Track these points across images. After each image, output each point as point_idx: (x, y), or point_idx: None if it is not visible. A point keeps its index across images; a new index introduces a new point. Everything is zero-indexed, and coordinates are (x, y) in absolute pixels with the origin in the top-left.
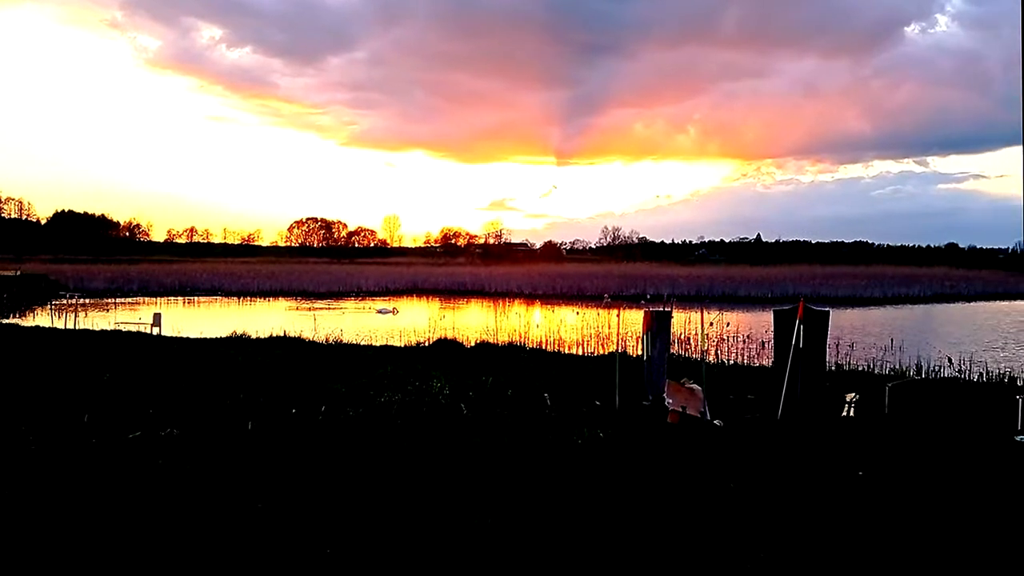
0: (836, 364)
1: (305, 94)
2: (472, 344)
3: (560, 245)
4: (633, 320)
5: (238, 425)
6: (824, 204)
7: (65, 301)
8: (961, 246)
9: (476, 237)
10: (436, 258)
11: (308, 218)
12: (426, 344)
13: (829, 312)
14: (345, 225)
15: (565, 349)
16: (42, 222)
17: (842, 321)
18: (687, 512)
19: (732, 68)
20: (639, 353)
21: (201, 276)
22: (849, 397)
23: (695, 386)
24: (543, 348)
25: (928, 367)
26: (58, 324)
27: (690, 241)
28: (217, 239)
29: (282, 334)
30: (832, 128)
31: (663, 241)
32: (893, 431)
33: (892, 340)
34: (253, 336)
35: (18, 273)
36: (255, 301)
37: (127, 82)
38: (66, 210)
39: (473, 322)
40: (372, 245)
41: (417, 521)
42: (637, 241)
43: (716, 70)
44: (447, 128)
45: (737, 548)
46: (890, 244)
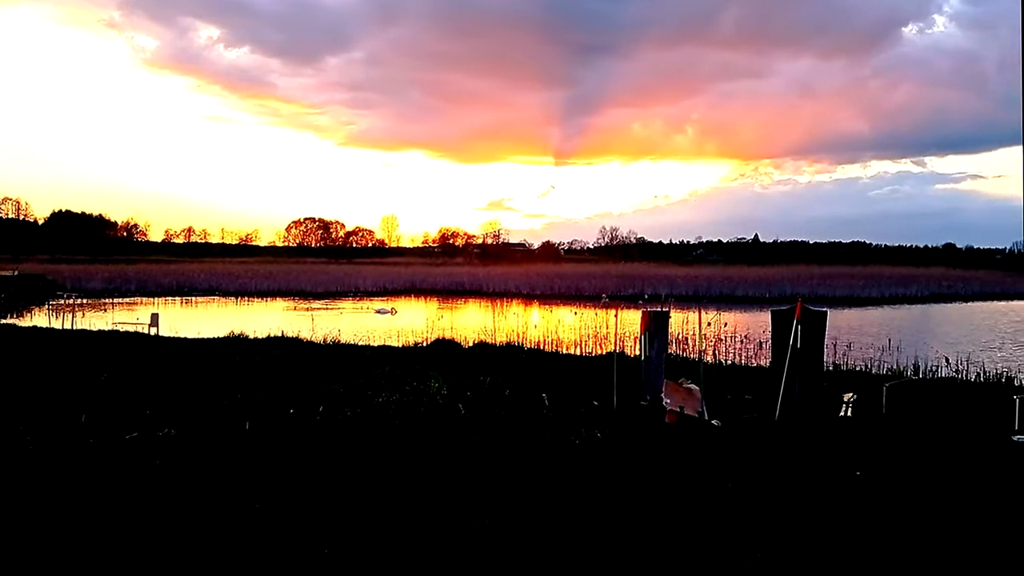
0: (834, 364)
1: (303, 94)
2: (470, 344)
3: (558, 245)
4: (631, 320)
5: (236, 425)
6: (822, 204)
7: (63, 301)
8: (958, 246)
9: (474, 237)
10: (434, 258)
11: (306, 218)
12: (424, 344)
13: (827, 312)
14: (343, 225)
15: (563, 349)
16: (39, 222)
17: (840, 321)
18: (685, 512)
19: (730, 68)
20: (637, 353)
21: (199, 276)
22: (847, 397)
23: (693, 386)
24: (541, 348)
25: (926, 367)
26: (56, 324)
27: (688, 241)
28: (215, 239)
29: (280, 334)
30: (830, 128)
31: (661, 241)
32: (891, 431)
33: (890, 340)
34: (251, 336)
35: (15, 273)
36: (253, 301)
37: (125, 82)
38: (64, 210)
39: (471, 322)
40: (370, 245)
41: (415, 521)
42: (635, 241)
43: (714, 70)
44: (445, 128)
45: (735, 548)
46: (888, 244)
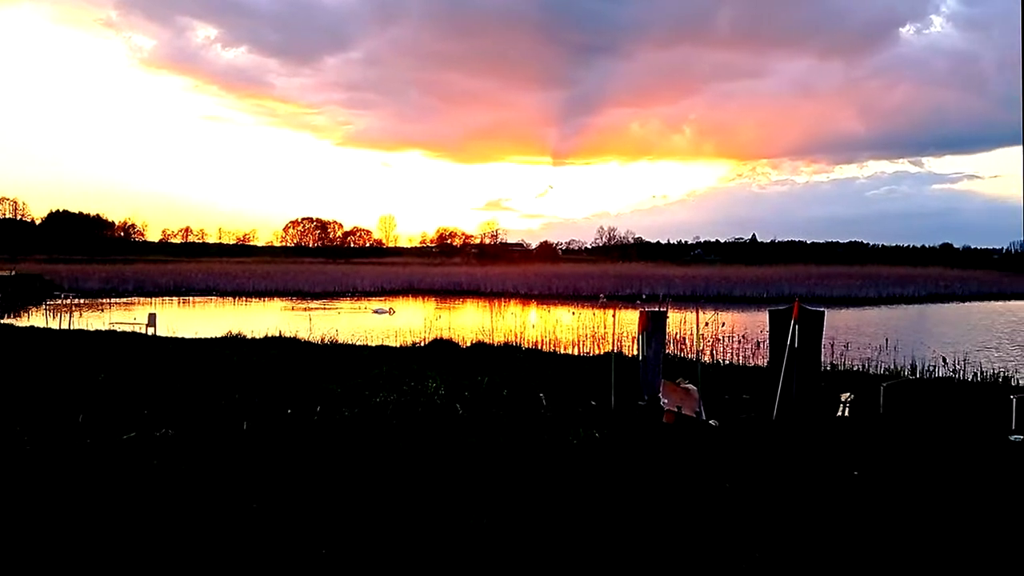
0: (831, 364)
1: (301, 94)
2: (468, 344)
3: (556, 245)
4: (629, 320)
5: (233, 425)
6: (819, 204)
7: (60, 301)
8: (956, 246)
9: (472, 237)
10: (432, 258)
11: (304, 218)
12: (422, 344)
13: (824, 312)
14: (341, 225)
15: (561, 349)
16: (37, 222)
17: (837, 321)
18: (683, 512)
19: (727, 68)
20: (635, 353)
21: (196, 276)
22: (844, 397)
23: (690, 386)
24: (539, 348)
25: (923, 367)
26: (53, 324)
27: (686, 241)
28: (212, 239)
29: (277, 334)
30: (827, 128)
31: (659, 241)
32: (888, 431)
33: (887, 340)
34: (248, 336)
35: (13, 273)
36: (250, 301)
37: (122, 82)
38: (61, 210)
39: (469, 322)
40: (368, 245)
41: (413, 521)
42: (633, 241)
43: (711, 70)
44: (443, 128)
45: (733, 548)
46: (885, 244)
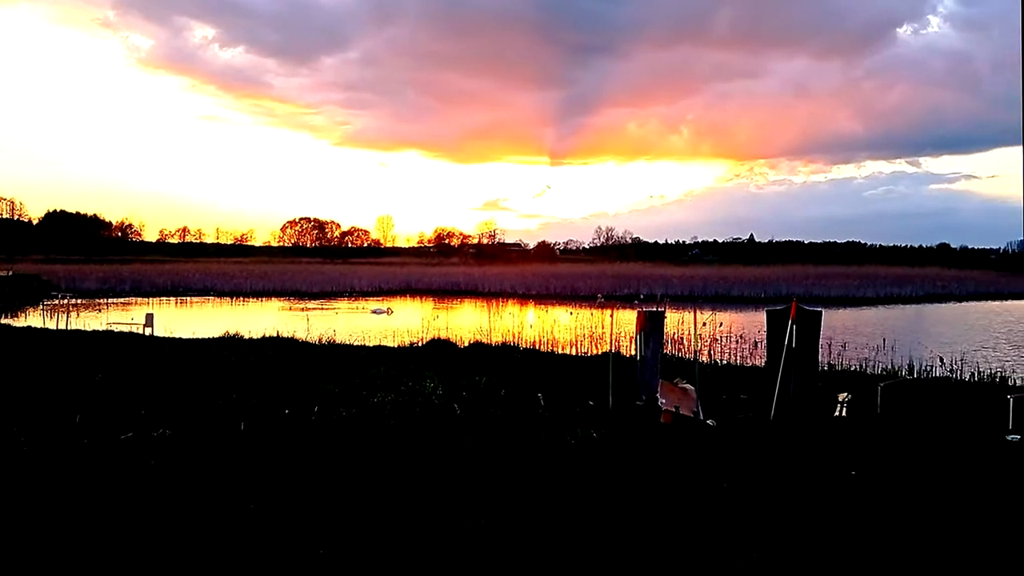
0: (829, 364)
1: (298, 94)
2: (466, 344)
3: (554, 245)
4: (626, 320)
5: (231, 426)
6: (817, 204)
7: (57, 301)
8: (953, 246)
9: (470, 237)
10: (430, 258)
11: (301, 218)
12: (419, 344)
13: (822, 312)
14: (338, 225)
15: (559, 349)
16: (34, 222)
17: (835, 321)
18: (680, 512)
19: (725, 69)
20: (632, 353)
21: (194, 276)
22: (841, 397)
23: (688, 386)
24: (537, 348)
25: (920, 367)
26: (50, 324)
27: (683, 241)
28: (210, 239)
29: (275, 334)
30: (824, 129)
31: (656, 241)
32: (885, 431)
33: (884, 340)
34: (246, 336)
35: (10, 273)
36: (248, 301)
37: (119, 82)
38: (58, 210)
39: (467, 322)
40: (365, 245)
41: (410, 521)
42: (630, 241)
43: (709, 70)
44: (440, 128)
45: (730, 548)
46: (882, 244)
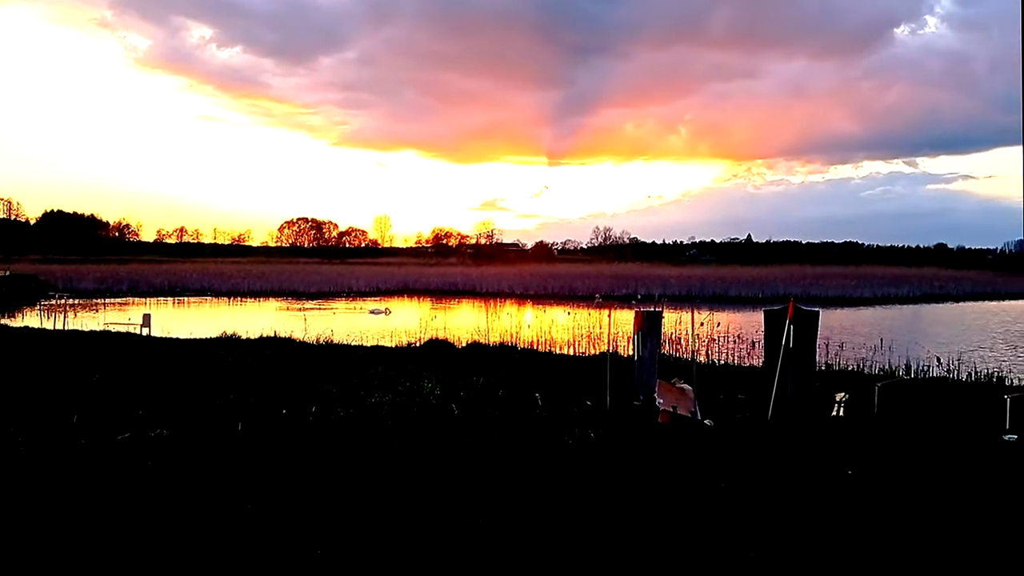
0: (826, 364)
1: (296, 94)
2: (463, 344)
3: (551, 245)
4: (624, 320)
5: (228, 426)
6: (814, 204)
7: (54, 301)
8: (950, 246)
9: (467, 237)
10: (427, 258)
11: (299, 218)
12: (417, 344)
13: (819, 312)
14: (336, 225)
15: (556, 349)
16: (31, 222)
17: (832, 321)
18: (678, 512)
19: (722, 69)
20: (630, 353)
21: (191, 276)
22: (839, 397)
23: (686, 386)
24: (534, 348)
25: (917, 367)
26: (47, 324)
27: (681, 241)
28: (207, 239)
29: (272, 335)
30: (822, 129)
31: (654, 241)
32: (882, 430)
33: (881, 340)
34: (243, 336)
35: (7, 273)
36: (245, 301)
37: (116, 81)
38: (55, 210)
39: (464, 322)
40: (363, 245)
41: (408, 522)
42: (628, 241)
43: (706, 71)
44: (438, 128)
45: (728, 548)
46: (880, 244)
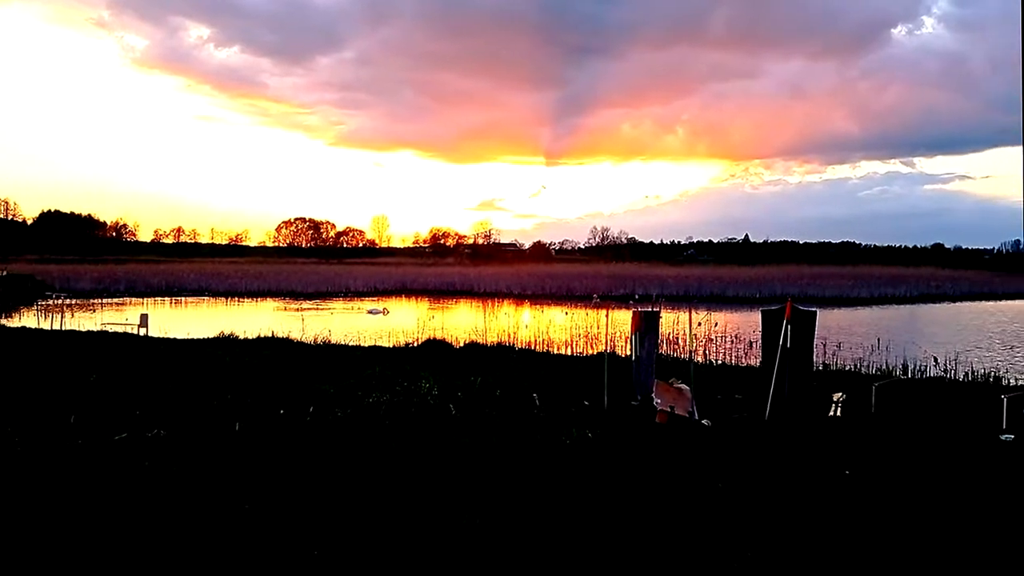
0: (823, 364)
1: (293, 94)
2: (461, 344)
3: (549, 245)
4: (622, 320)
5: (225, 426)
6: (812, 205)
7: (51, 301)
8: (947, 246)
9: (465, 237)
10: (425, 258)
11: (296, 218)
12: (415, 344)
13: (816, 312)
14: (333, 225)
15: (554, 349)
16: (28, 222)
17: (829, 321)
18: (676, 511)
19: (720, 69)
20: (628, 353)
21: (188, 276)
22: (836, 397)
23: (683, 386)
24: (532, 348)
25: (914, 367)
26: (44, 325)
27: (679, 241)
28: (204, 239)
29: (270, 335)
30: (820, 129)
31: (652, 241)
32: (880, 430)
33: (879, 340)
34: (241, 337)
35: (4, 273)
36: (243, 302)
37: (114, 81)
38: (52, 210)
39: (462, 322)
40: (361, 245)
41: (406, 522)
42: (626, 241)
43: (704, 71)
44: (436, 128)
45: (725, 547)
46: (877, 244)
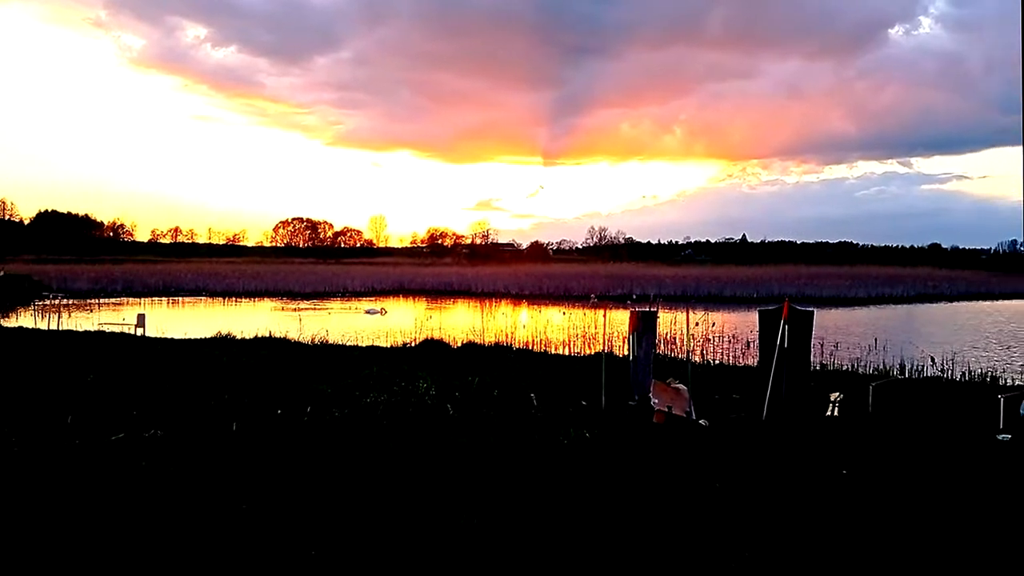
0: (820, 364)
1: (291, 94)
2: (459, 344)
3: (547, 245)
4: (619, 320)
5: (223, 426)
6: (809, 205)
7: (48, 301)
8: (944, 246)
9: (463, 237)
10: (422, 258)
11: (294, 218)
12: (412, 344)
13: (814, 312)
14: (331, 225)
15: (552, 349)
16: (25, 222)
17: (827, 321)
18: (673, 511)
19: (718, 69)
20: (625, 353)
21: (186, 276)
22: (833, 396)
23: (681, 386)
24: (530, 348)
25: (911, 367)
26: (41, 325)
27: (676, 241)
28: (202, 239)
29: (267, 335)
30: (817, 129)
31: (649, 241)
32: (877, 430)
33: (876, 340)
34: (238, 337)
35: (1, 273)
36: (240, 302)
37: (111, 81)
38: (49, 210)
39: (460, 322)
40: (358, 245)
41: (403, 522)
42: (623, 241)
43: (702, 71)
44: (433, 128)
45: (723, 547)
46: (874, 244)
